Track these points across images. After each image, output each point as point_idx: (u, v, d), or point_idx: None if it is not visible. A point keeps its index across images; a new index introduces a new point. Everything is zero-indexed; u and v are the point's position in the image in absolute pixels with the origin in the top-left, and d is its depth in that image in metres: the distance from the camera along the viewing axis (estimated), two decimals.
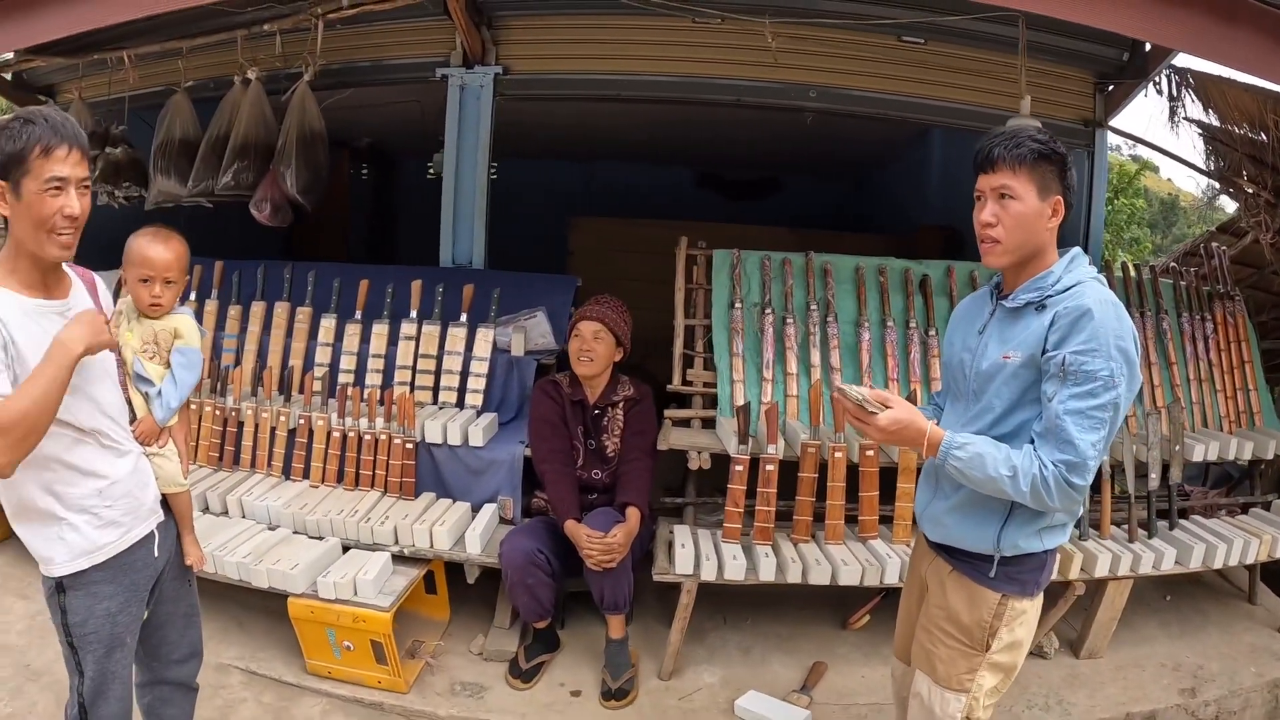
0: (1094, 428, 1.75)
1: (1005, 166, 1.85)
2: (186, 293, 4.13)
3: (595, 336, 3.32)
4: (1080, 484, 1.76)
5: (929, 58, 4.17)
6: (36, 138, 1.73)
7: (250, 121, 4.02)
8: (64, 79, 5.17)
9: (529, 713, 3.02)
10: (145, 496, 2.07)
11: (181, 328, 2.24)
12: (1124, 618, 3.48)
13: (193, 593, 2.33)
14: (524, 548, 3.15)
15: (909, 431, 1.87)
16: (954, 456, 1.85)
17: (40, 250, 1.80)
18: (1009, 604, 1.96)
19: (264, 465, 3.74)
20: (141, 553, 2.05)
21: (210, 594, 3.43)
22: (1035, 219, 1.86)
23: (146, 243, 2.18)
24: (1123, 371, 1.77)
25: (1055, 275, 1.87)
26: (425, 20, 4.20)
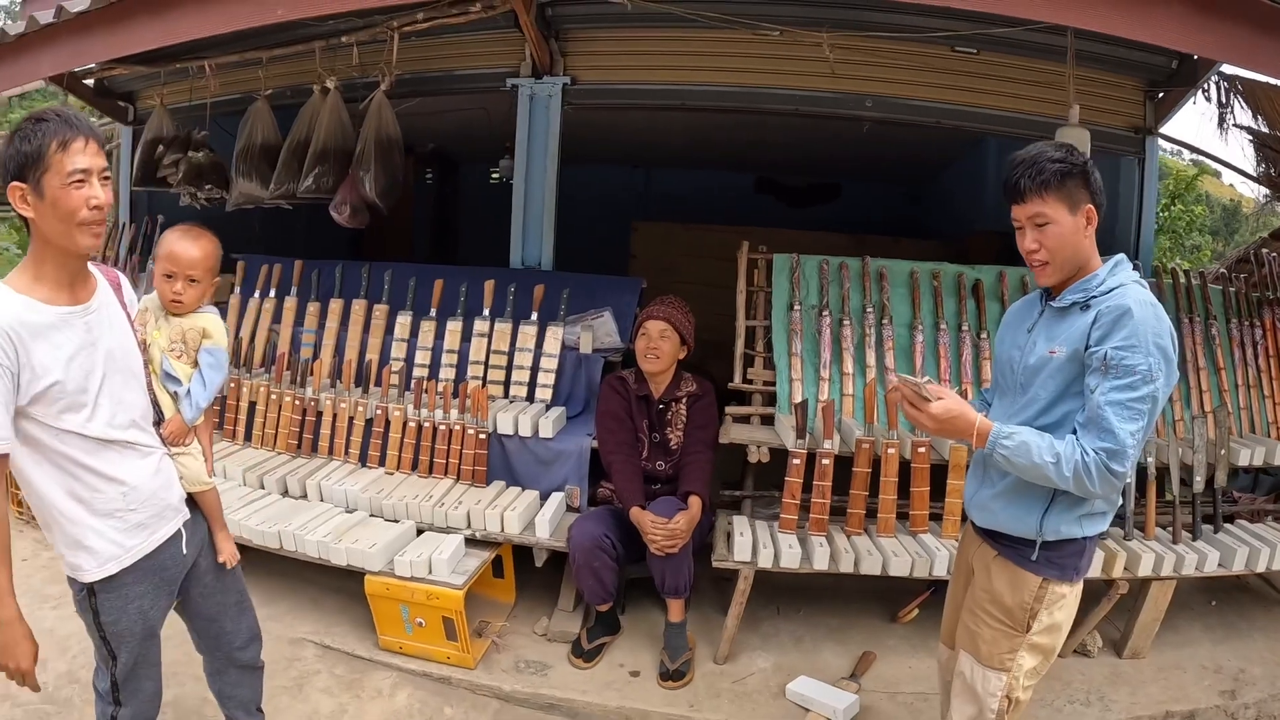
0: (1133, 418, 1.86)
1: (1033, 195, 1.97)
2: (265, 288, 4.38)
3: (661, 335, 3.48)
4: (1120, 470, 1.87)
5: (982, 67, 4.26)
6: (52, 133, 1.75)
7: (329, 128, 4.24)
8: (144, 86, 5.45)
9: (590, 690, 3.17)
10: (170, 497, 2.10)
11: (210, 328, 2.27)
12: (1168, 620, 3.53)
13: (238, 580, 2.38)
14: (591, 532, 3.31)
15: (960, 422, 1.99)
16: (1001, 446, 1.96)
17: (72, 244, 1.80)
18: (1049, 587, 2.07)
19: (341, 453, 3.95)
20: (170, 551, 2.10)
21: (287, 573, 3.71)
22: (1073, 234, 1.98)
23: (175, 239, 2.21)
24: (1160, 367, 1.88)
25: (1100, 278, 1.99)
26: (496, 33, 4.39)
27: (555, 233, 4.58)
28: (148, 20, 3.19)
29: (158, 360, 2.17)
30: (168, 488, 2.09)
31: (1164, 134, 4.64)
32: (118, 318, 2.00)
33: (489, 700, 3.15)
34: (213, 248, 2.26)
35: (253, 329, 4.35)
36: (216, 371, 2.26)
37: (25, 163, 1.74)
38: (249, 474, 3.80)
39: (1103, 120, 4.45)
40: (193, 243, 2.21)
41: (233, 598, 2.36)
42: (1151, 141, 4.62)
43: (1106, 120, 4.48)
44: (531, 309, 4.06)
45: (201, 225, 2.28)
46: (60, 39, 3.41)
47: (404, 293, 4.21)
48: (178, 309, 2.22)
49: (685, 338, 3.55)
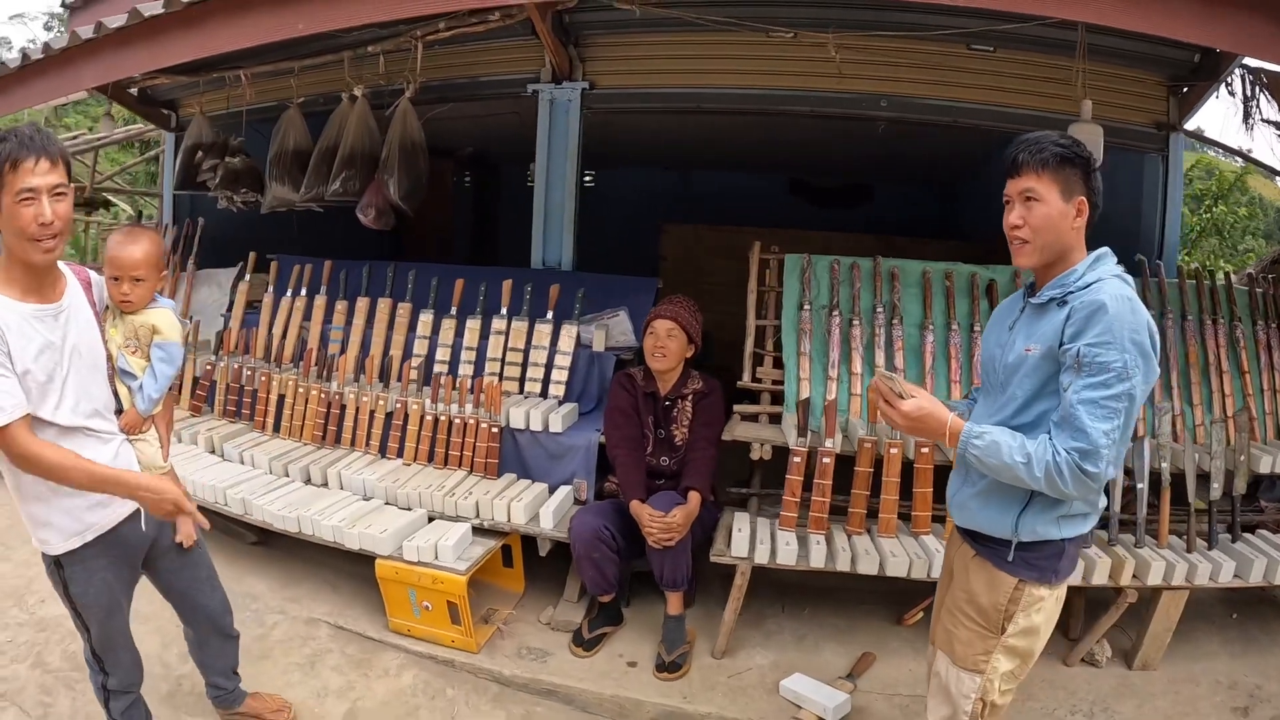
0: (1107, 417, 1.82)
1: (1029, 170, 1.95)
2: (297, 287, 4.59)
3: (669, 334, 3.55)
4: (1093, 470, 1.82)
5: (997, 65, 4.22)
6: (5, 154, 1.86)
7: (356, 134, 4.43)
8: (185, 94, 5.77)
9: (586, 678, 3.25)
10: None
11: (159, 323, 2.36)
12: (1185, 632, 3.45)
13: (204, 556, 2.56)
14: (591, 524, 3.40)
15: (931, 421, 1.99)
16: (972, 445, 1.94)
17: (26, 257, 1.95)
18: (1026, 589, 2.04)
19: (362, 444, 4.11)
20: (130, 527, 2.25)
21: (309, 558, 3.89)
22: (1060, 220, 1.94)
23: (115, 243, 2.29)
24: (1137, 364, 1.83)
25: (1078, 273, 1.95)
26: (516, 40, 4.51)
27: (587, 234, 4.70)
28: (181, 34, 3.39)
29: (115, 356, 2.30)
30: (127, 470, 2.20)
31: (1188, 130, 4.51)
32: (84, 315, 2.16)
33: (489, 684, 3.25)
34: (152, 246, 2.32)
35: (284, 326, 4.56)
36: (167, 365, 2.37)
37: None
38: (275, 463, 4.00)
39: (1125, 117, 4.36)
40: (133, 245, 2.28)
41: (203, 572, 2.55)
42: (1175, 138, 4.50)
43: (1129, 117, 4.39)
44: (547, 308, 4.17)
45: (141, 225, 2.44)
46: (101, 53, 3.66)
47: (427, 292, 4.36)
48: (128, 308, 2.33)
49: (692, 336, 3.62)
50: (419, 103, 4.49)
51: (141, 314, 2.35)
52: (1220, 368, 3.74)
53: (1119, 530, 3.42)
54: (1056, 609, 2.12)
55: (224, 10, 3.29)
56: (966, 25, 3.69)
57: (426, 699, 3.15)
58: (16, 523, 4.25)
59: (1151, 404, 3.63)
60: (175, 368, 2.40)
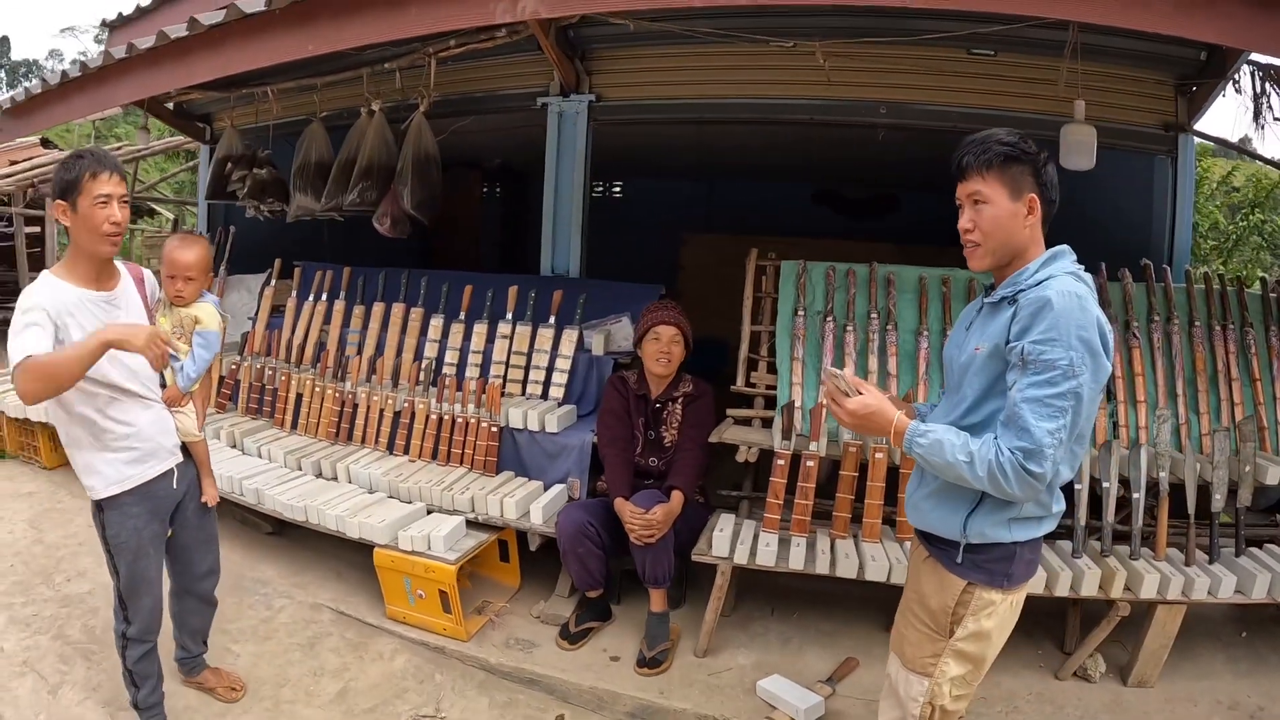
0: (1052, 416, 1.79)
1: (974, 172, 1.94)
2: (319, 292, 4.83)
3: (672, 340, 3.67)
4: (1038, 471, 1.79)
5: (996, 69, 4.19)
6: (85, 167, 2.33)
7: (374, 146, 4.64)
8: (217, 109, 6.13)
9: (569, 669, 3.33)
10: (166, 442, 2.64)
11: (201, 315, 2.80)
12: (1187, 649, 3.37)
13: (213, 522, 2.94)
14: (576, 519, 3.50)
15: (877, 419, 1.98)
16: (916, 444, 1.93)
17: (95, 249, 2.39)
18: (975, 592, 2.00)
19: (372, 441, 4.30)
20: (163, 484, 2.63)
21: (320, 549, 4.10)
22: (1009, 219, 1.93)
23: (172, 247, 2.76)
24: (1084, 361, 1.80)
25: (1030, 271, 1.93)
26: (526, 55, 4.67)
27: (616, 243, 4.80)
28: (205, 55, 3.66)
29: None
30: (165, 434, 2.63)
31: (1197, 130, 4.38)
32: (135, 303, 2.59)
33: (476, 671, 3.37)
34: (203, 251, 2.81)
35: (306, 329, 4.79)
36: (205, 350, 2.81)
37: (66, 187, 2.34)
38: (289, 457, 4.21)
39: (1132, 119, 4.28)
40: (188, 249, 2.76)
41: (205, 534, 2.90)
42: (1185, 138, 4.38)
43: (1136, 119, 4.30)
44: (550, 313, 4.29)
45: (194, 233, 2.83)
46: (133, 71, 3.96)
47: (439, 297, 4.54)
48: (179, 302, 2.79)
49: (689, 341, 3.73)
50: (434, 116, 4.68)
51: (190, 307, 2.79)
52: (1230, 375, 3.63)
53: (1114, 541, 3.35)
54: (1011, 616, 2.08)
55: (241, 32, 3.54)
56: (962, 30, 3.70)
57: (415, 683, 3.27)
58: (51, 509, 4.64)
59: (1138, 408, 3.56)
60: (212, 353, 2.81)
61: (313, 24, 3.38)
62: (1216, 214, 9.09)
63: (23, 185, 9.55)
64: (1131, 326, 3.69)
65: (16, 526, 4.44)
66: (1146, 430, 3.54)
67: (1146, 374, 3.65)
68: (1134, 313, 3.74)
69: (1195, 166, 5.49)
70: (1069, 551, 3.32)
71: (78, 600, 3.68)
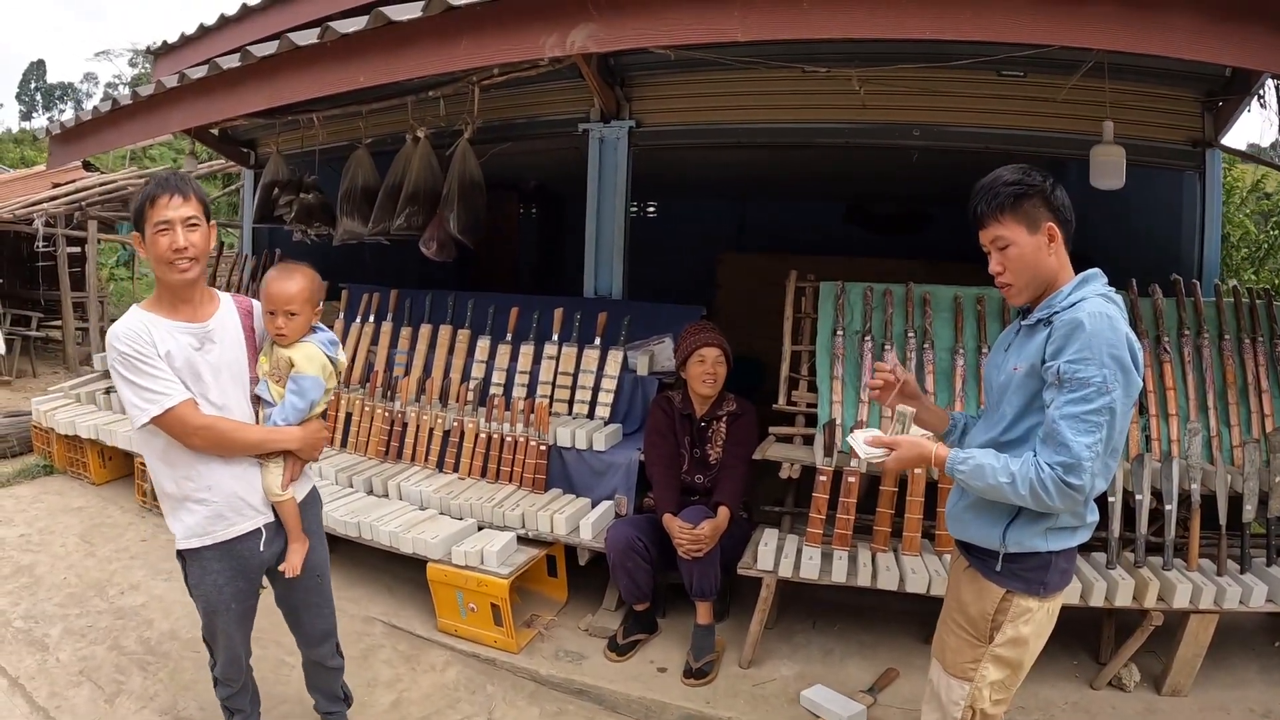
0: (1089, 430, 1.87)
1: (990, 219, 2.04)
2: (365, 314, 4.98)
3: (717, 361, 3.79)
4: (1078, 483, 1.87)
5: (1027, 89, 4.29)
6: (147, 194, 2.24)
7: (419, 172, 4.80)
8: (262, 134, 6.32)
9: (617, 680, 3.43)
10: (251, 498, 2.40)
11: (297, 357, 2.44)
12: (1220, 658, 3.42)
13: (318, 587, 2.65)
14: (625, 534, 3.61)
15: (916, 461, 2.15)
16: (958, 471, 2.04)
17: (165, 278, 2.27)
18: (1014, 600, 2.09)
19: (421, 459, 4.44)
20: (248, 545, 2.41)
21: (372, 564, 4.22)
22: (1034, 254, 2.03)
23: (271, 278, 2.43)
24: (1116, 378, 1.88)
25: (1064, 294, 2.02)
26: (567, 83, 4.82)
27: (652, 262, 4.90)
28: (256, 85, 3.79)
29: (258, 380, 2.45)
30: (249, 490, 2.40)
31: (1224, 145, 4.45)
32: (233, 336, 2.41)
33: (526, 682, 3.48)
34: (306, 282, 2.45)
35: (353, 350, 4.95)
36: (297, 397, 2.43)
37: (136, 217, 2.28)
38: (341, 474, 4.36)
39: (1159, 135, 4.36)
40: (286, 281, 2.41)
41: (314, 598, 2.66)
42: (1212, 154, 4.46)
43: (1163, 135, 4.38)
44: (595, 334, 4.42)
45: (297, 261, 2.57)
46: (185, 100, 4.10)
47: (485, 319, 4.69)
48: (282, 341, 2.44)
49: (730, 360, 3.85)
50: (478, 142, 4.84)
51: (292, 347, 2.45)
52: (1260, 387, 3.70)
53: (1147, 552, 3.42)
54: (1048, 623, 2.15)
55: (293, 64, 3.66)
56: (993, 53, 3.79)
57: (467, 693, 3.39)
58: (102, 523, 4.83)
59: (1170, 421, 3.63)
60: (307, 401, 2.44)
61: (365, 57, 3.48)
62: (1247, 223, 9.07)
63: (68, 208, 9.79)
64: (1162, 341, 3.77)
65: (69, 540, 4.63)
66: (1178, 443, 3.63)
67: (1178, 388, 3.73)
68: (1165, 327, 3.83)
69: (1223, 177, 5.53)
70: (1103, 563, 3.40)
71: (132, 612, 3.84)
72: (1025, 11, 2.53)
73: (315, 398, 2.47)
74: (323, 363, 2.49)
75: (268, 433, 2.39)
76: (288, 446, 2.40)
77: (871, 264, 6.30)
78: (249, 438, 2.35)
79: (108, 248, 14.13)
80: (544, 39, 3.05)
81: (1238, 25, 2.49)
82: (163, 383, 2.21)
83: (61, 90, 69.41)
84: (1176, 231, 4.76)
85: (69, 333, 10.73)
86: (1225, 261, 8.02)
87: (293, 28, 4.04)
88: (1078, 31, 2.56)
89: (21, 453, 6.31)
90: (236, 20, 5.52)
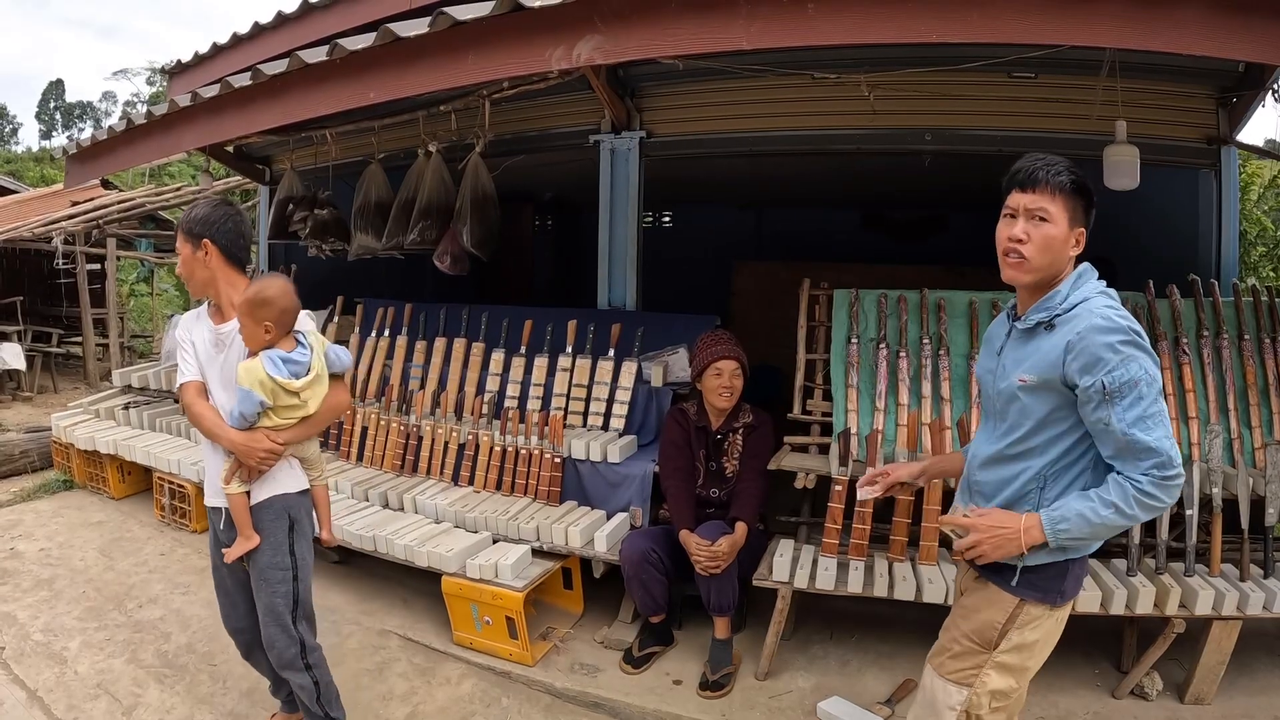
0: (1158, 423, 1.86)
1: (1045, 190, 1.95)
2: (380, 328, 5.00)
3: (734, 374, 3.74)
4: (1174, 472, 1.85)
5: (1040, 91, 4.24)
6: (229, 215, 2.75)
7: (432, 186, 4.83)
8: (277, 151, 6.36)
9: (633, 693, 3.42)
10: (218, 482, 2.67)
11: (240, 368, 2.57)
12: (1244, 665, 3.38)
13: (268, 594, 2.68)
14: (640, 547, 3.60)
15: (1008, 545, 1.98)
16: (1060, 532, 1.93)
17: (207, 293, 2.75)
18: (1025, 609, 2.04)
19: (437, 472, 4.45)
20: (215, 517, 2.79)
21: (387, 576, 4.24)
22: (1063, 245, 1.96)
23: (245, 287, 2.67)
24: (1148, 361, 1.87)
25: (1062, 294, 1.97)
26: (578, 94, 4.81)
27: (667, 271, 4.87)
28: (268, 103, 3.82)
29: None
30: (217, 474, 2.69)
31: (1240, 142, 4.39)
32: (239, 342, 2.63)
33: (542, 695, 3.47)
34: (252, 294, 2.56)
35: (369, 364, 4.98)
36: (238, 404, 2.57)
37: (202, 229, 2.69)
38: (356, 488, 4.37)
39: (1174, 133, 4.31)
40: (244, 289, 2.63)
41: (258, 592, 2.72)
42: (1228, 151, 4.40)
43: (1178, 133, 4.33)
44: (609, 346, 4.42)
45: (272, 276, 2.66)
46: (198, 119, 4.14)
47: (499, 332, 4.70)
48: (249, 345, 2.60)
49: (746, 371, 3.81)
50: (489, 155, 4.86)
51: (252, 357, 2.58)
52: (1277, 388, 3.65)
53: (1168, 558, 3.38)
54: (1056, 629, 2.11)
55: (304, 81, 3.68)
56: (1003, 55, 3.76)
57: (483, 706, 3.38)
58: (121, 537, 4.88)
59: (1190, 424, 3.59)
60: (240, 409, 2.57)
61: (373, 73, 3.50)
62: (1264, 219, 8.97)
63: (87, 226, 9.92)
64: (1181, 343, 3.72)
65: (88, 554, 4.67)
66: (1199, 446, 3.57)
67: (1197, 390, 3.68)
68: (1183, 329, 3.77)
69: (1240, 173, 5.47)
70: (1124, 570, 3.36)
71: (150, 626, 3.87)
72: (1035, 12, 2.49)
73: (245, 410, 2.57)
74: (260, 378, 2.55)
75: (214, 426, 2.63)
76: (226, 445, 2.63)
77: (889, 270, 6.26)
78: (204, 424, 2.65)
79: (127, 264, 14.28)
80: (550, 52, 3.05)
81: (1249, 19, 2.42)
82: (186, 364, 2.73)
83: (80, 109, 70.48)
84: (1193, 231, 4.70)
85: (89, 349, 10.87)
86: (1243, 259, 7.93)
87: (303, 45, 4.05)
88: (1088, 30, 2.51)
89: (42, 468, 6.39)
90: (249, 38, 5.56)
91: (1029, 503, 2.02)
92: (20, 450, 6.42)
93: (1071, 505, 1.93)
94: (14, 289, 11.84)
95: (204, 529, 4.66)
